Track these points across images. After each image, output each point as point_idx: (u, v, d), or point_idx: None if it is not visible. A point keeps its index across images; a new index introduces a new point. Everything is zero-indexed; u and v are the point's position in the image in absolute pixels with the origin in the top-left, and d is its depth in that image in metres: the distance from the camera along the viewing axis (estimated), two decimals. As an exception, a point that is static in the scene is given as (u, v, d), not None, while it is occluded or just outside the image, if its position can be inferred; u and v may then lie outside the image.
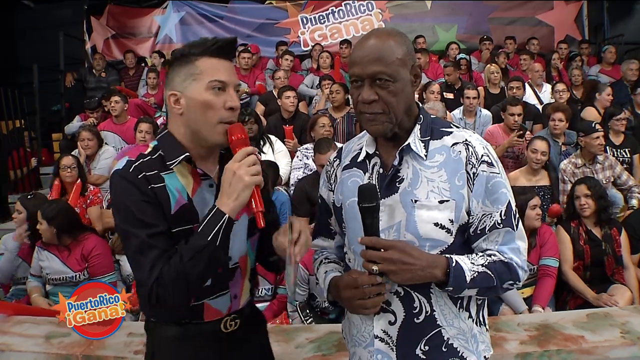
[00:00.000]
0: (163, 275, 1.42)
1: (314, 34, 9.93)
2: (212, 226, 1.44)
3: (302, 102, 6.89)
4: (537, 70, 7.04)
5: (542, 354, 2.58)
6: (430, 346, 1.53)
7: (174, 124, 1.59)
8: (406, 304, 1.52)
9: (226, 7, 10.01)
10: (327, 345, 2.68)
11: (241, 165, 1.46)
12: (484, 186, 1.50)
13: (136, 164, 1.51)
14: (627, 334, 2.70)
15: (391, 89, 1.47)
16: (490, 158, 1.53)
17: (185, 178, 1.57)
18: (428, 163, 1.52)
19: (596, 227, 3.92)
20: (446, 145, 1.53)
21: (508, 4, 9.92)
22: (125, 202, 1.47)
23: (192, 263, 1.42)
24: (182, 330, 1.62)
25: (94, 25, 9.85)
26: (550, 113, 5.52)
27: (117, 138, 6.04)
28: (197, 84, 1.52)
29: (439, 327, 1.54)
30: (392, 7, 9.97)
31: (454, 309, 1.55)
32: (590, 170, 4.81)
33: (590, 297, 3.68)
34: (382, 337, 1.56)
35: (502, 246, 1.53)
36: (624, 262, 3.88)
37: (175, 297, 1.45)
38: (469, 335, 1.58)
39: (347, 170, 1.66)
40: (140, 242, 1.45)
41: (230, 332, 1.68)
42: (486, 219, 1.51)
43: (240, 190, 1.45)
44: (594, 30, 10.02)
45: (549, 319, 3.00)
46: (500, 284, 1.50)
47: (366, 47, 1.49)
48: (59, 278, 3.77)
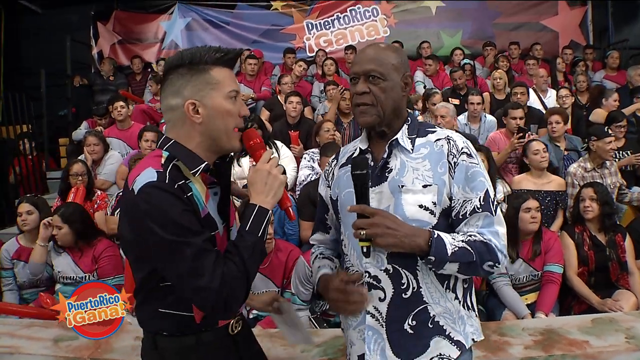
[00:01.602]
0: (226, 276, 1.46)
1: (319, 39, 9.98)
2: (259, 223, 1.54)
3: (308, 108, 6.92)
4: (542, 76, 7.03)
5: (547, 358, 2.58)
6: (417, 321, 1.67)
7: (185, 133, 1.59)
8: (395, 280, 1.67)
9: (232, 12, 10.07)
10: (332, 350, 2.69)
11: (272, 165, 1.59)
12: (464, 174, 1.67)
13: (168, 175, 1.50)
14: (632, 339, 2.70)
15: (381, 86, 1.69)
16: (469, 150, 1.71)
17: (201, 187, 1.61)
18: (414, 155, 1.71)
19: (600, 233, 3.92)
20: (430, 141, 1.74)
21: (513, 10, 9.94)
22: (169, 213, 1.44)
23: (252, 259, 1.51)
24: (197, 338, 1.64)
25: (100, 30, 9.94)
26: (548, 116, 5.55)
27: (122, 144, 6.07)
28: (216, 93, 1.57)
29: (425, 303, 1.67)
30: (397, 13, 10.02)
31: (440, 288, 1.69)
32: (599, 175, 4.81)
33: (595, 303, 3.68)
34: (372, 313, 1.69)
35: (482, 229, 1.65)
36: (628, 267, 3.88)
37: (241, 293, 1.51)
38: (455, 316, 1.72)
39: (344, 167, 1.86)
40: (196, 250, 1.44)
41: (237, 334, 1.76)
42: (467, 205, 1.66)
43: (277, 187, 1.58)
44: (598, 36, 10.03)
45: (553, 323, 3.00)
46: (480, 263, 1.61)
47: (365, 51, 1.78)
48: (70, 277, 3.85)
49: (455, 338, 1.71)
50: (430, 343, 1.68)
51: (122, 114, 6.08)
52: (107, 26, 9.98)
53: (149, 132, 5.32)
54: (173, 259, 1.45)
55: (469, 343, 1.74)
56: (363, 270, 1.70)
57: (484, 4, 9.98)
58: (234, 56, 1.64)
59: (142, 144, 5.28)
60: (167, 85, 1.60)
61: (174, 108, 1.58)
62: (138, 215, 1.47)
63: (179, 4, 10.09)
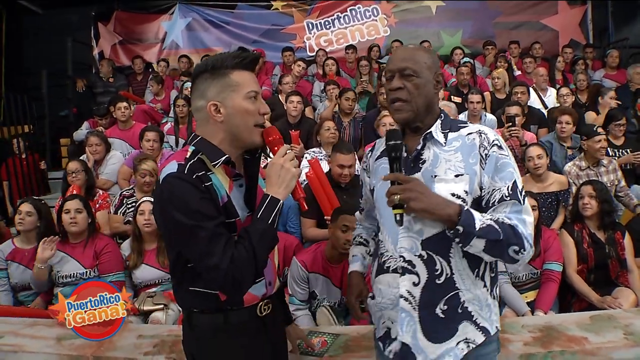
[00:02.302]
0: (236, 259, 1.60)
1: (320, 39, 10.03)
2: (270, 211, 1.68)
3: (308, 108, 6.94)
4: (542, 75, 7.05)
5: (546, 354, 2.60)
6: (449, 306, 1.76)
7: (210, 131, 1.76)
8: (429, 266, 1.76)
9: (232, 12, 10.11)
10: (334, 347, 2.71)
11: (286, 159, 1.72)
12: (494, 165, 1.75)
13: (188, 167, 1.66)
14: (630, 336, 2.72)
15: (415, 82, 1.79)
16: (500, 143, 1.79)
17: (223, 178, 1.76)
18: (446, 148, 1.80)
19: (600, 231, 3.93)
20: (462, 135, 1.82)
21: (513, 9, 9.98)
22: (187, 199, 1.62)
23: (260, 244, 1.65)
24: (224, 316, 1.78)
25: (101, 31, 9.98)
26: (558, 116, 5.54)
27: (124, 144, 6.08)
28: (236, 94, 1.72)
29: (457, 289, 1.76)
30: (397, 13, 10.06)
31: (471, 275, 1.78)
32: (594, 173, 4.84)
33: (595, 300, 3.69)
34: (406, 296, 1.78)
35: (510, 214, 1.71)
36: (628, 265, 3.89)
37: (248, 275, 1.65)
38: (483, 304, 1.81)
39: (379, 159, 1.97)
40: (209, 233, 1.61)
41: (265, 316, 1.87)
42: (496, 193, 1.74)
43: (289, 180, 1.72)
44: (598, 34, 10.05)
45: (552, 320, 3.01)
46: (507, 245, 1.66)
47: (400, 50, 1.93)
48: (70, 275, 3.81)
49: (481, 324, 1.80)
50: (459, 327, 1.78)
51: (125, 114, 6.11)
52: (108, 27, 10.02)
53: (151, 132, 5.35)
54: (189, 241, 1.64)
55: (493, 330, 1.83)
56: (398, 255, 1.80)
57: (484, 4, 10.02)
58: (253, 59, 1.79)
59: (144, 144, 5.31)
60: (194, 89, 1.78)
61: (200, 109, 1.76)
62: (162, 202, 1.67)
63: (179, 4, 10.13)
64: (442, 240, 1.74)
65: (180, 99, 6.44)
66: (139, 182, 4.59)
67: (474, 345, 1.79)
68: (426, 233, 1.76)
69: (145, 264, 3.92)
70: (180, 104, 6.34)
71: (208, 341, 1.80)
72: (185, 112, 6.34)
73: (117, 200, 4.76)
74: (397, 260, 1.80)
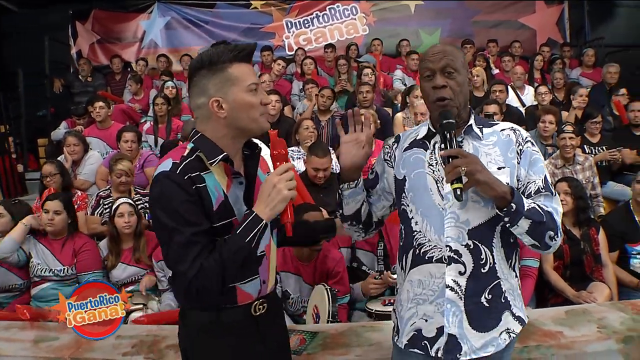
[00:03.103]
0: (204, 269, 1.59)
1: (299, 38, 10.01)
2: (250, 229, 1.63)
3: (287, 107, 6.95)
4: (519, 73, 7.12)
5: (522, 349, 2.62)
6: (493, 295, 1.81)
7: (212, 127, 1.73)
8: (475, 255, 1.79)
9: (211, 12, 10.05)
10: (312, 345, 2.72)
11: (281, 179, 1.66)
12: (528, 159, 1.83)
13: (181, 166, 1.65)
14: (603, 329, 2.77)
15: (457, 80, 1.82)
16: (531, 140, 1.87)
17: (221, 176, 1.73)
18: (484, 142, 1.86)
19: (575, 227, 4.00)
20: (496, 131, 1.89)
21: (491, 8, 10.06)
22: (172, 201, 1.62)
23: (231, 260, 1.60)
24: (217, 315, 1.76)
25: (79, 30, 9.84)
26: (541, 115, 5.62)
27: (102, 143, 6.01)
28: (236, 88, 1.69)
29: (498, 278, 1.82)
30: (376, 11, 10.07)
31: (507, 265, 1.85)
32: (570, 171, 4.92)
33: (571, 295, 3.75)
34: (452, 286, 1.80)
35: (545, 203, 1.78)
36: (602, 260, 3.97)
37: (212, 288, 1.62)
38: (516, 293, 1.89)
39: (408, 150, 1.96)
40: (185, 239, 1.60)
41: (259, 316, 1.83)
42: (531, 186, 1.81)
43: (277, 201, 1.65)
44: (575, 33, 10.17)
45: (529, 316, 3.02)
46: (547, 229, 1.74)
47: (437, 48, 1.87)
48: (47, 270, 3.81)
49: (517, 314, 1.87)
50: (502, 317, 1.83)
51: (102, 114, 6.02)
52: (86, 25, 9.88)
53: (128, 133, 5.31)
54: (166, 242, 1.64)
55: (526, 319, 1.91)
56: (444, 245, 1.80)
57: (463, 3, 10.07)
58: (250, 51, 1.76)
59: (122, 145, 5.27)
60: (193, 87, 1.74)
61: (201, 106, 1.73)
62: (152, 199, 1.70)
63: (158, 3, 10.03)
64: (487, 230, 1.79)
65: (160, 97, 6.39)
66: (115, 183, 4.56)
67: (514, 335, 1.86)
68: (472, 222, 1.79)
69: (121, 263, 3.91)
70: (160, 102, 6.29)
71: (199, 338, 1.79)
72: (165, 111, 6.30)
73: (94, 201, 4.73)
74: (442, 250, 1.80)
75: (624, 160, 5.63)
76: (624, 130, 6.10)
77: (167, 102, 6.37)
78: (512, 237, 1.84)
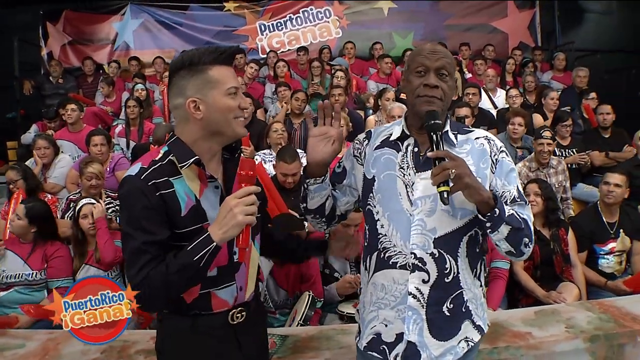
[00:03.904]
0: (149, 279, 1.56)
1: (272, 40, 10.01)
2: (200, 249, 1.57)
3: (260, 110, 6.93)
4: (490, 76, 7.21)
5: (492, 350, 2.65)
6: (454, 304, 1.80)
7: (188, 129, 1.71)
8: (439, 264, 1.77)
9: (185, 14, 9.99)
10: (283, 348, 2.71)
11: (239, 203, 1.58)
12: (504, 169, 1.82)
13: (147, 172, 1.63)
14: (571, 329, 2.82)
15: (449, 84, 1.80)
16: (505, 149, 1.86)
17: (193, 181, 1.70)
18: (458, 149, 1.81)
19: (545, 228, 4.05)
20: (470, 139, 1.85)
21: (464, 12, 10.16)
22: (131, 206, 1.61)
23: (176, 276, 1.56)
24: (192, 321, 1.73)
25: (50, 31, 9.69)
26: (510, 117, 5.66)
27: (73, 146, 5.95)
28: (216, 91, 1.66)
29: (461, 288, 1.80)
30: (349, 14, 10.12)
31: (471, 275, 1.83)
32: (543, 174, 4.98)
33: (541, 296, 3.80)
34: (415, 294, 1.77)
35: (520, 210, 1.78)
36: (571, 260, 4.02)
37: (154, 299, 1.60)
38: (478, 302, 1.88)
39: (379, 149, 1.91)
40: (136, 246, 1.58)
41: (237, 324, 1.80)
42: (506, 194, 1.80)
43: (231, 226, 1.57)
44: (546, 37, 10.33)
45: (499, 317, 3.08)
46: (524, 234, 1.74)
47: (436, 47, 1.84)
48: (15, 275, 3.72)
49: (477, 323, 1.86)
50: (461, 326, 1.82)
51: (73, 117, 5.96)
52: (57, 26, 9.74)
53: (97, 136, 5.25)
54: (123, 245, 1.67)
55: (486, 328, 1.90)
56: (408, 252, 1.77)
57: (436, 6, 10.17)
58: (231, 54, 1.73)
59: (92, 149, 5.20)
60: (171, 87, 1.71)
61: (178, 107, 1.70)
62: (119, 201, 1.70)
63: (131, 5, 9.93)
64: (453, 239, 1.77)
65: (132, 100, 6.33)
66: (85, 185, 4.49)
67: (473, 344, 1.84)
68: (439, 231, 1.76)
69: (86, 264, 3.86)
70: (131, 105, 6.25)
71: (175, 343, 1.76)
72: (136, 113, 6.26)
73: (64, 204, 4.66)
74: (407, 256, 1.77)
75: (593, 163, 5.74)
76: (593, 132, 6.20)
77: (139, 104, 6.32)
78: (478, 247, 1.84)
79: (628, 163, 5.46)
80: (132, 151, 5.85)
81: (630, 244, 4.21)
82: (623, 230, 4.19)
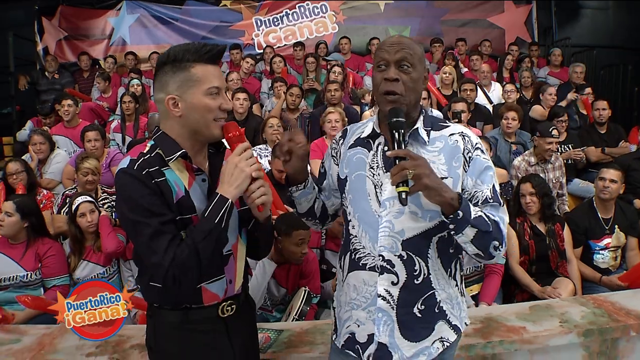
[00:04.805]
0: (177, 257, 1.58)
1: (268, 36, 9.97)
2: (217, 210, 1.63)
3: (256, 105, 6.93)
4: (484, 71, 7.21)
5: (486, 345, 2.67)
6: (426, 306, 1.77)
7: (169, 125, 1.73)
8: (408, 266, 1.74)
9: (180, 9, 9.94)
10: (277, 343, 2.72)
11: (241, 158, 1.66)
12: (477, 168, 1.76)
13: (139, 162, 1.65)
14: (565, 323, 2.83)
15: (411, 75, 1.72)
16: (481, 146, 1.80)
17: (182, 173, 1.72)
18: (429, 148, 1.77)
19: (540, 223, 4.06)
20: (444, 135, 1.79)
21: (460, 7, 10.13)
22: (133, 195, 1.62)
23: (203, 244, 1.61)
24: (183, 315, 1.76)
25: (45, 26, 9.61)
26: (504, 112, 5.67)
27: (69, 142, 5.93)
28: (196, 89, 1.67)
29: (433, 289, 1.77)
30: (345, 10, 10.09)
31: (445, 275, 1.80)
32: (542, 169, 4.99)
33: (536, 291, 3.81)
34: (384, 296, 1.76)
35: (491, 212, 1.72)
36: (567, 255, 4.04)
37: (189, 275, 1.62)
38: (454, 302, 1.85)
39: (352, 148, 1.88)
40: (153, 230, 1.60)
41: (227, 317, 1.83)
42: (478, 194, 1.75)
43: (241, 180, 1.65)
44: (543, 33, 10.31)
45: (493, 312, 3.09)
46: (492, 238, 1.67)
47: (395, 39, 1.77)
48: (9, 278, 3.65)
49: (453, 322, 1.84)
50: (435, 327, 1.80)
51: (70, 112, 5.95)
52: (53, 21, 9.66)
53: (91, 132, 5.23)
54: (135, 237, 1.65)
55: (463, 327, 1.89)
56: (376, 254, 1.76)
57: (432, 2, 10.14)
58: (217, 53, 1.72)
59: (86, 145, 5.20)
60: (155, 81, 1.73)
61: (159, 102, 1.72)
62: (116, 197, 1.72)
63: (126, 0, 9.88)
64: (421, 242, 1.74)
65: (127, 95, 6.32)
66: (81, 181, 4.48)
67: (448, 344, 1.83)
68: (407, 233, 1.73)
69: (84, 260, 3.85)
70: (127, 100, 6.23)
71: (167, 337, 1.77)
72: (132, 109, 6.24)
73: (60, 199, 4.65)
74: (375, 258, 1.76)
75: (588, 158, 5.76)
76: (589, 128, 6.23)
77: (135, 100, 6.31)
78: (452, 247, 1.80)
79: (628, 156, 5.48)
80: (128, 146, 5.83)
81: (625, 240, 4.22)
82: (618, 226, 4.20)
